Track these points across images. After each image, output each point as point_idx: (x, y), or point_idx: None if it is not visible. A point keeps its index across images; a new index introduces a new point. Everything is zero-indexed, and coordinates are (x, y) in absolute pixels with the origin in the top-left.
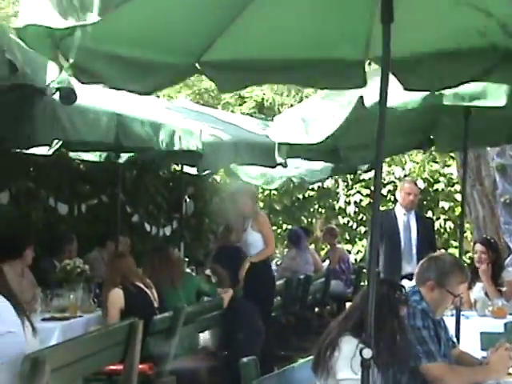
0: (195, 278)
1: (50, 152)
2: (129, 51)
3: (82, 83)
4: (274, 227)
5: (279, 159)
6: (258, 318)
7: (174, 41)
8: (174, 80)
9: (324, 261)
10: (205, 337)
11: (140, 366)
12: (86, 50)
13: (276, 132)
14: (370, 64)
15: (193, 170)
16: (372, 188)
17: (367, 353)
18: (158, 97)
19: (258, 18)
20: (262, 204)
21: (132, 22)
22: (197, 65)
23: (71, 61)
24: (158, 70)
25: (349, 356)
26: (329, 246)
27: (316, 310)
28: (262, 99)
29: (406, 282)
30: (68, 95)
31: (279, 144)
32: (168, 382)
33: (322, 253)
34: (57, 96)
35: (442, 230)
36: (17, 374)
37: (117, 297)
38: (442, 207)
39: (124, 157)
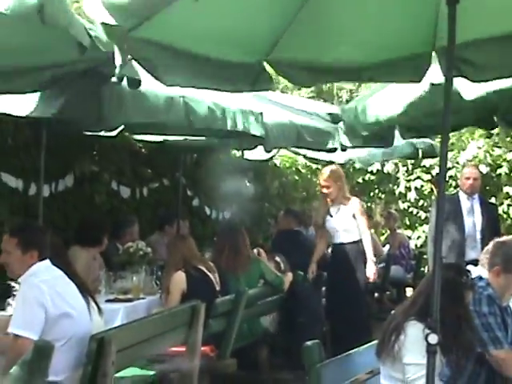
0: (261, 264)
1: (115, 133)
2: (195, 48)
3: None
4: None
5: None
6: (318, 302)
7: (240, 39)
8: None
9: (384, 246)
10: (265, 320)
11: (202, 348)
12: (153, 46)
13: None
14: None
15: (253, 155)
16: (433, 173)
17: (433, 338)
18: None
19: (323, 16)
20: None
21: (198, 19)
22: (264, 63)
23: (135, 53)
24: (223, 67)
25: (414, 341)
26: (389, 231)
27: (376, 295)
28: None
29: (470, 268)
30: (133, 81)
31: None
32: (229, 365)
33: (382, 238)
34: (124, 81)
35: (505, 216)
36: (83, 353)
37: (179, 279)
38: (506, 192)
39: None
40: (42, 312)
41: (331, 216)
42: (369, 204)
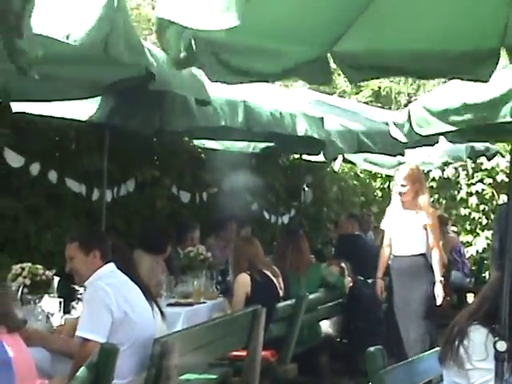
0: (321, 269)
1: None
2: (258, 41)
3: (212, 81)
4: None
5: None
6: (379, 308)
7: (306, 30)
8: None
9: None
10: (326, 325)
11: (262, 353)
12: (218, 45)
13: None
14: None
15: (311, 158)
16: (495, 177)
17: (501, 345)
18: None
19: (390, 8)
20: (380, 193)
21: (263, 12)
22: (328, 55)
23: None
24: (289, 60)
25: (478, 345)
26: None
27: None
28: (379, 88)
29: None
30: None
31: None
32: (289, 370)
33: None
34: None
35: None
36: (147, 357)
37: (244, 281)
38: None
39: (246, 145)
40: (108, 315)
41: (398, 221)
42: None
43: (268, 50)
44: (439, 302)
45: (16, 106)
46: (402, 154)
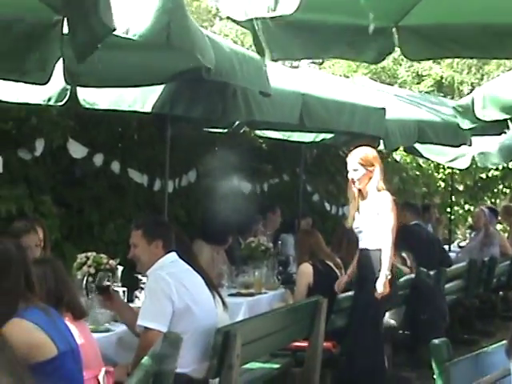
0: None
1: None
2: (323, 17)
3: (274, 61)
4: (456, 207)
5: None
6: (441, 299)
7: (372, 4)
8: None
9: None
10: (386, 316)
11: (324, 344)
12: (280, 26)
13: None
14: None
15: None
16: None
17: None
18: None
19: None
20: (443, 184)
21: None
22: (394, 30)
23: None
24: (354, 34)
25: None
26: (508, 228)
27: (500, 293)
28: (441, 77)
29: None
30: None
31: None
32: None
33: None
34: None
35: None
36: (210, 346)
37: (306, 271)
38: None
39: (305, 137)
40: (169, 304)
41: None
42: (492, 200)
43: (332, 25)
44: None
45: (83, 100)
46: (466, 144)
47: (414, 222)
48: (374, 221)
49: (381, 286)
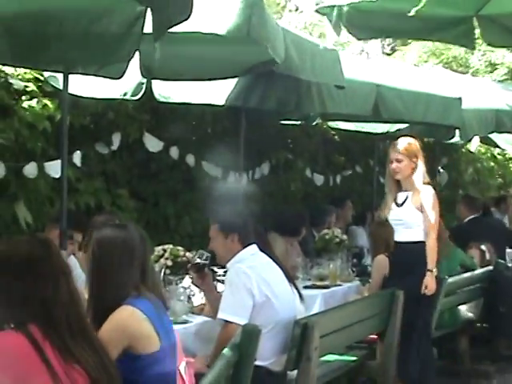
0: (459, 252)
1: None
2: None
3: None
4: None
5: None
6: None
7: None
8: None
9: None
10: (463, 308)
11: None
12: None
13: None
14: None
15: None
16: None
17: None
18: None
19: None
20: None
21: None
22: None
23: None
24: (433, 20)
25: None
26: None
27: None
28: None
29: None
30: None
31: None
32: None
33: None
34: None
35: None
36: (288, 339)
37: (382, 263)
38: None
39: (379, 128)
40: (249, 298)
41: None
42: None
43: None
44: None
45: (158, 94)
46: None
47: (473, 217)
48: (416, 214)
49: (430, 283)
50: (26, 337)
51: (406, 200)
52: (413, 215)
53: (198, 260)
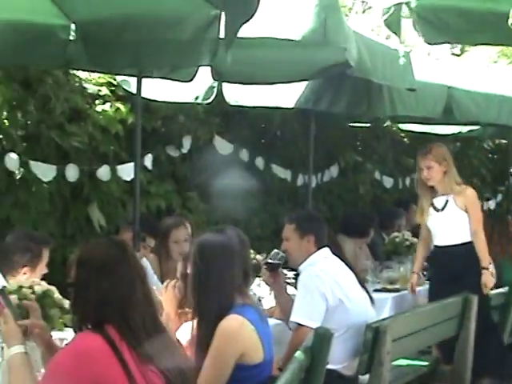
0: None
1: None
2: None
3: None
4: None
5: None
6: None
7: None
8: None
9: None
10: None
11: None
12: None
13: None
14: None
15: None
16: None
17: None
18: None
19: None
20: None
21: None
22: None
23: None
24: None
25: None
26: None
27: None
28: None
29: None
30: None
31: None
32: None
33: None
34: None
35: None
36: (360, 343)
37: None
38: None
39: (449, 129)
40: (322, 302)
41: None
42: None
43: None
44: None
45: (229, 97)
46: None
47: None
48: (461, 216)
49: (488, 281)
50: (104, 337)
51: (446, 204)
52: (458, 217)
53: (270, 260)
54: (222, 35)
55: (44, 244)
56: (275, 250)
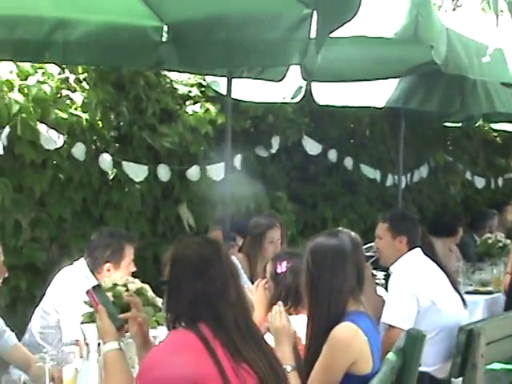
0: None
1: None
2: None
3: None
4: None
5: None
6: None
7: None
8: None
9: None
10: None
11: None
12: None
13: None
14: None
15: None
16: None
17: None
18: None
19: None
20: None
21: None
22: None
23: None
24: None
25: None
26: None
27: None
28: None
29: None
30: None
31: None
32: None
33: None
34: None
35: None
36: (453, 345)
37: None
38: None
39: None
40: (414, 303)
41: None
42: None
43: None
44: None
45: (317, 97)
46: None
47: None
48: None
49: None
50: (197, 335)
51: None
52: None
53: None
54: (312, 35)
55: (125, 240)
56: (370, 244)
